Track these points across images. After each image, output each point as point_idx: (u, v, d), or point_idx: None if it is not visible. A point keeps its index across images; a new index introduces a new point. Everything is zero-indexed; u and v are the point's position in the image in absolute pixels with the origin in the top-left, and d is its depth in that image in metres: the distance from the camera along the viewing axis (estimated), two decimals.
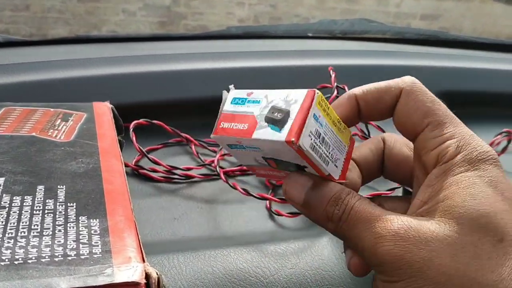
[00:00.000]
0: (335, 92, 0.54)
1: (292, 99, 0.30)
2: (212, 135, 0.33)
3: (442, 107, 0.30)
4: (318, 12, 3.35)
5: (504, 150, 0.60)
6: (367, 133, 0.59)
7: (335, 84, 0.55)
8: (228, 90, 0.35)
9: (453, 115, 0.31)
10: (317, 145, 0.29)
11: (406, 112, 0.30)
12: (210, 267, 0.34)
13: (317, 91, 0.29)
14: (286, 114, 0.29)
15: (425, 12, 3.60)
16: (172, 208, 0.45)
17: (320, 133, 0.30)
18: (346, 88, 0.58)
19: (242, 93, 0.33)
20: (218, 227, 0.42)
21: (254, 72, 0.67)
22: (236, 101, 0.33)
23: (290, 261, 0.36)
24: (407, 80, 0.31)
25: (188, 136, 0.57)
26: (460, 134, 0.29)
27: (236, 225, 0.43)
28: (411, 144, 0.32)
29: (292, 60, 0.71)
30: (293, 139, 0.28)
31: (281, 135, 0.29)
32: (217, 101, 0.63)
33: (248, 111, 0.31)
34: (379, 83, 0.32)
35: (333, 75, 0.56)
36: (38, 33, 3.20)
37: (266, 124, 0.30)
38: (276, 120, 0.29)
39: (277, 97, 0.30)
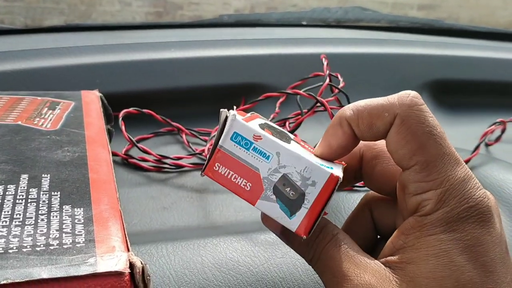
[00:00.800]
0: (327, 80, 0.53)
1: (310, 177, 0.26)
2: (202, 174, 0.27)
3: (436, 142, 0.26)
4: (315, 2, 3.34)
5: (497, 139, 0.60)
6: None
7: (327, 72, 0.55)
8: (231, 108, 0.28)
9: (450, 151, 0.26)
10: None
11: (396, 143, 0.26)
12: (200, 256, 0.34)
13: (340, 177, 0.26)
14: (301, 196, 0.26)
15: (422, 2, 3.60)
16: (161, 197, 0.44)
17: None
18: (339, 76, 0.57)
19: (247, 130, 0.27)
20: (208, 217, 0.42)
21: (247, 60, 0.67)
22: (238, 139, 0.27)
23: (280, 250, 0.35)
24: (405, 102, 0.26)
25: (179, 125, 0.56)
26: (448, 182, 0.26)
27: (226, 215, 0.43)
28: None
29: (285, 48, 0.70)
30: (304, 237, 0.26)
31: (292, 224, 0.26)
32: (208, 90, 0.63)
33: (253, 164, 0.27)
34: (372, 103, 0.27)
35: (325, 63, 0.56)
36: (32, 24, 3.18)
37: (274, 197, 0.27)
38: (288, 199, 0.26)
39: (292, 163, 0.26)
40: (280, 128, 0.30)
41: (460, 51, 0.80)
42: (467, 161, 0.50)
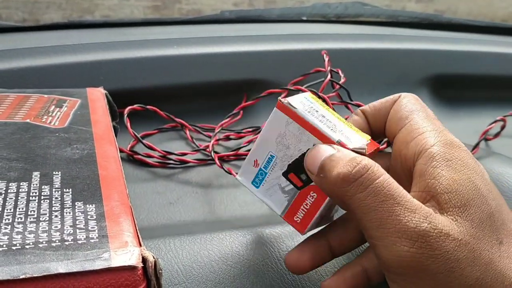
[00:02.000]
0: (329, 76, 0.54)
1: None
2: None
3: (426, 111, 0.32)
4: None
5: (497, 135, 0.61)
6: None
7: (329, 68, 0.55)
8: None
9: (434, 117, 0.32)
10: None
11: (395, 113, 0.33)
12: (206, 250, 0.35)
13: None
14: None
15: None
16: (167, 193, 0.45)
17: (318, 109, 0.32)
18: (340, 71, 0.58)
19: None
20: (213, 211, 0.43)
21: (248, 56, 0.67)
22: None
23: (285, 244, 0.36)
24: (405, 94, 0.34)
25: (182, 121, 0.57)
26: (435, 129, 0.30)
27: (231, 209, 0.43)
28: None
29: (286, 44, 0.71)
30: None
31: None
32: (211, 86, 0.64)
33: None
34: (384, 98, 0.34)
35: (326, 59, 0.56)
36: (30, 18, 3.17)
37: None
38: None
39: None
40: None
41: (460, 46, 0.81)
42: None
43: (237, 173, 0.35)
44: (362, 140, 0.32)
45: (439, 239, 0.26)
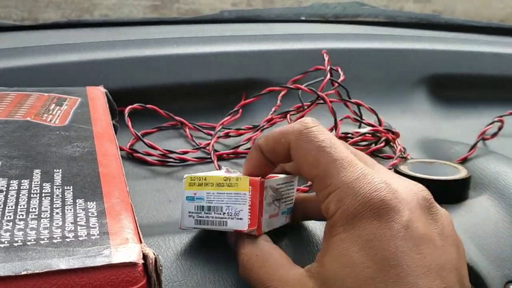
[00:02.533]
0: (328, 75, 0.54)
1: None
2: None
3: (326, 152, 0.28)
4: None
5: (494, 135, 0.61)
6: (359, 114, 0.59)
7: (329, 67, 0.56)
8: None
9: (341, 156, 0.28)
10: (203, 217, 0.33)
11: (297, 163, 0.30)
12: (206, 248, 0.35)
13: (185, 176, 0.34)
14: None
15: None
16: (167, 190, 0.45)
17: (203, 205, 0.33)
18: (339, 70, 0.58)
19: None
20: None
21: (247, 55, 0.67)
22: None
23: (285, 241, 0.36)
24: (296, 128, 0.30)
25: (182, 119, 0.57)
26: (342, 183, 0.27)
27: None
28: None
29: (284, 44, 0.71)
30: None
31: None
32: (210, 85, 0.64)
33: None
34: (276, 131, 0.31)
35: (326, 59, 0.57)
36: (29, 17, 3.17)
37: None
38: None
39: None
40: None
41: (457, 46, 0.81)
42: (464, 159, 0.51)
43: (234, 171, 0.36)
44: (243, 197, 0.32)
45: None
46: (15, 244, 0.23)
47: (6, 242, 0.23)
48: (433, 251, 0.27)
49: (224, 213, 0.32)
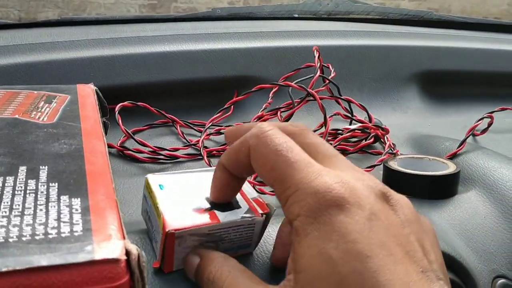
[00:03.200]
0: (318, 72, 0.54)
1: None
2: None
3: (283, 155, 0.28)
4: None
5: (484, 131, 0.61)
6: (350, 111, 0.59)
7: (319, 63, 0.56)
8: None
9: (299, 158, 0.28)
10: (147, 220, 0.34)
11: (257, 170, 0.29)
12: None
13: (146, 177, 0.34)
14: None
15: None
16: None
17: (148, 212, 0.34)
18: (330, 66, 0.59)
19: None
20: None
21: (239, 53, 0.67)
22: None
23: (271, 237, 0.36)
24: (253, 133, 0.30)
25: (173, 117, 0.57)
26: (300, 184, 0.27)
27: None
28: None
29: (277, 41, 0.71)
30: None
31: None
32: (202, 83, 0.64)
33: None
34: (236, 143, 0.31)
35: (316, 55, 0.57)
36: (26, 17, 3.17)
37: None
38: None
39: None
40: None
41: (449, 42, 0.81)
42: (453, 155, 0.52)
43: None
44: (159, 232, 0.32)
45: None
46: None
47: None
48: (400, 240, 0.27)
49: (153, 231, 0.33)
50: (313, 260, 0.26)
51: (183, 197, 0.33)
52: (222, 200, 0.33)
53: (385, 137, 0.54)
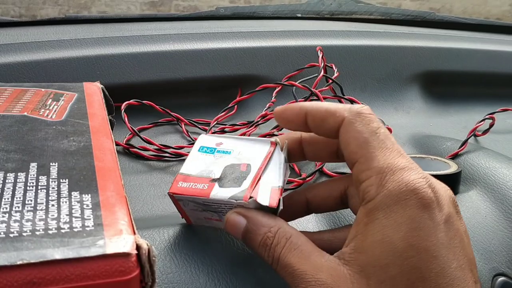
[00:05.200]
0: (322, 72, 0.55)
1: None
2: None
3: (379, 138, 0.29)
4: None
5: (486, 132, 0.62)
6: None
7: (323, 63, 0.56)
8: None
9: (392, 146, 0.29)
10: None
11: (346, 140, 0.30)
12: (199, 240, 0.36)
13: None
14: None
15: None
16: (162, 185, 0.46)
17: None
18: (333, 66, 0.59)
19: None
20: None
21: (243, 52, 0.68)
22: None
23: None
24: (354, 109, 0.30)
25: (178, 115, 0.58)
26: (387, 169, 0.28)
27: None
28: None
29: (280, 41, 0.72)
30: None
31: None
32: (206, 81, 0.65)
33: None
34: (331, 105, 0.31)
35: (320, 55, 0.57)
36: (27, 14, 3.17)
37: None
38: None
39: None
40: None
41: (451, 43, 0.82)
42: (454, 155, 0.52)
43: None
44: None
45: None
46: (11, 235, 0.24)
47: (2, 233, 0.24)
48: (464, 247, 0.28)
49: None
50: (376, 245, 0.27)
51: (207, 163, 0.35)
52: (279, 117, 0.33)
53: None
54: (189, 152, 0.51)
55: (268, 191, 0.32)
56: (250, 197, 0.31)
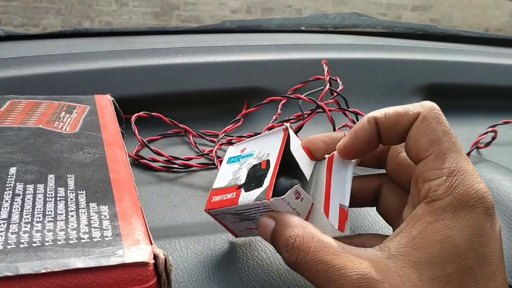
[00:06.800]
0: (328, 85, 0.56)
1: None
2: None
3: (450, 139, 0.29)
4: (310, 3, 3.35)
5: (488, 144, 0.62)
6: None
7: (328, 77, 0.57)
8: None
9: (460, 149, 0.30)
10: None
11: (416, 136, 0.30)
12: (210, 250, 0.36)
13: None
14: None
15: (416, 3, 3.61)
16: (171, 196, 0.47)
17: None
18: (338, 79, 0.60)
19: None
20: None
21: (249, 65, 0.69)
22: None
23: None
24: (427, 105, 0.31)
25: (186, 127, 0.59)
26: (459, 172, 0.28)
27: None
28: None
29: (285, 54, 0.73)
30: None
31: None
32: (213, 94, 0.66)
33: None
34: (398, 107, 0.31)
35: (326, 69, 0.58)
36: (29, 23, 3.18)
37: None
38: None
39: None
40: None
41: (453, 56, 0.83)
42: None
43: None
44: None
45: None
46: (34, 245, 0.24)
47: (25, 242, 0.25)
48: (501, 253, 0.29)
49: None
50: (436, 243, 0.28)
51: (234, 171, 0.35)
52: (350, 150, 0.33)
53: None
54: (198, 164, 0.52)
55: (337, 210, 0.32)
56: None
